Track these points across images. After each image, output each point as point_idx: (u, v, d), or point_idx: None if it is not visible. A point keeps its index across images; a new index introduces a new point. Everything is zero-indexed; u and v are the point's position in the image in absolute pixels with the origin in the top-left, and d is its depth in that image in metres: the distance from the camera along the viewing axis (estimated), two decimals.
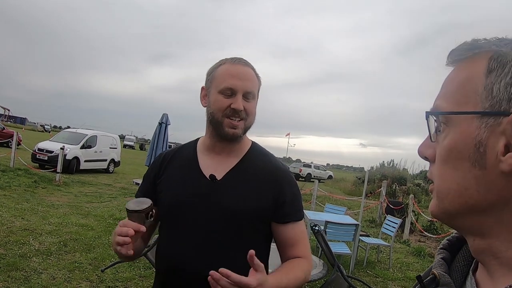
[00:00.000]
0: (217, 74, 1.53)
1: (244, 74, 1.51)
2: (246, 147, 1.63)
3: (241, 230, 1.50)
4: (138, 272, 5.60)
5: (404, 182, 20.03)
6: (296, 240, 1.57)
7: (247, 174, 1.56)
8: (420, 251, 9.20)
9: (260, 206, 1.51)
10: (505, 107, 0.54)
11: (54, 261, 5.66)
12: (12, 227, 6.98)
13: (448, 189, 0.59)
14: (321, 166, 43.84)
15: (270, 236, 1.60)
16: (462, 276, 0.68)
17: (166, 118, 9.82)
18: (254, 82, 1.54)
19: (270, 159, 1.64)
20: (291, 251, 1.57)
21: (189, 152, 1.65)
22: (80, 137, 18.11)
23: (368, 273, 7.10)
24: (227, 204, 1.50)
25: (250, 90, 1.50)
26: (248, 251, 1.42)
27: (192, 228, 1.50)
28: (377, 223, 12.88)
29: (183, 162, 1.63)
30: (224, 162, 1.58)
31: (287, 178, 1.60)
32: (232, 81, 1.48)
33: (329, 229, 6.46)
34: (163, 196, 1.58)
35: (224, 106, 1.49)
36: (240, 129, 1.52)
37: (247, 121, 1.53)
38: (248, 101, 1.51)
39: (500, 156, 0.53)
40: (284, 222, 1.56)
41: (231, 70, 1.51)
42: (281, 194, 1.55)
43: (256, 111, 1.58)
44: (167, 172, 1.62)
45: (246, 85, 1.50)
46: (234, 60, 1.54)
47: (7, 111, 72.16)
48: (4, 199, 9.48)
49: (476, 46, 0.60)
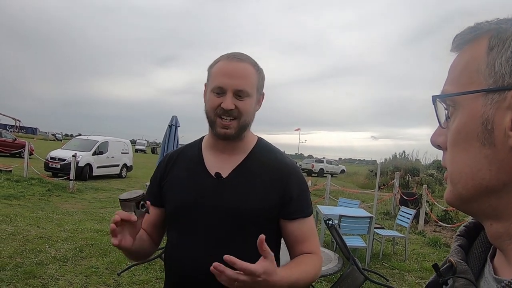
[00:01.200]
0: (212, 72, 1.50)
1: (237, 72, 1.46)
2: (251, 144, 1.60)
3: (248, 228, 1.48)
4: (155, 274, 5.62)
5: (417, 173, 19.95)
6: (305, 237, 1.54)
7: (253, 171, 1.54)
8: (435, 241, 9.15)
9: (267, 203, 1.49)
10: (509, 81, 0.53)
11: (70, 267, 5.70)
12: (28, 236, 7.04)
13: (460, 173, 0.58)
14: (333, 161, 43.75)
15: (280, 233, 1.58)
16: (480, 263, 0.67)
17: (175, 120, 9.82)
18: (248, 79, 1.48)
19: (276, 155, 1.61)
20: (300, 248, 1.54)
21: (194, 151, 1.63)
22: (91, 144, 18.26)
23: (384, 266, 7.07)
24: (233, 202, 1.48)
25: (241, 88, 1.45)
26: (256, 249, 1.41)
27: (199, 228, 1.49)
28: (392, 215, 12.83)
29: (188, 162, 1.61)
30: (229, 160, 1.55)
31: (294, 174, 1.57)
32: (222, 79, 1.44)
33: (343, 223, 6.44)
34: (169, 197, 1.57)
35: (215, 105, 1.46)
36: (233, 129, 1.48)
37: (241, 119, 1.48)
38: (241, 99, 1.46)
39: (508, 131, 0.52)
40: (291, 218, 1.53)
41: (224, 68, 1.47)
42: (288, 191, 1.52)
43: (264, 109, 1.55)
44: (172, 172, 1.61)
45: (236, 83, 1.44)
46: (229, 56, 1.49)
47: (17, 122, 72.90)
48: (19, 208, 9.57)
49: (477, 28, 0.59)
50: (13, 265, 5.52)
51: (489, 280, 0.62)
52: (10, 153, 22.93)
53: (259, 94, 1.55)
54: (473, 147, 0.56)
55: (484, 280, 0.64)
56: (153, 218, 1.62)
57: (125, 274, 5.38)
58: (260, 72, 1.53)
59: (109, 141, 19.31)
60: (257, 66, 1.52)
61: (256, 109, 1.56)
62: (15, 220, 8.14)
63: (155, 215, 1.62)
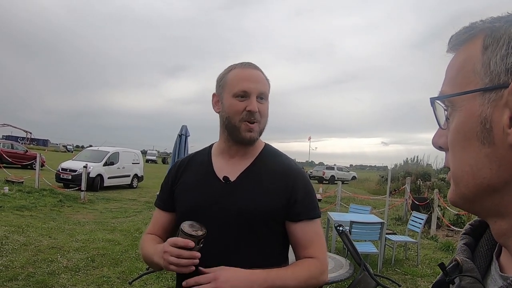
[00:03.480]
0: (229, 79, 1.54)
1: (256, 77, 1.53)
2: (258, 149, 1.64)
3: (256, 230, 1.50)
4: (166, 283, 5.62)
5: (429, 178, 19.79)
6: (309, 240, 1.55)
7: (260, 175, 1.56)
8: (448, 245, 9.08)
9: (273, 206, 1.51)
10: (504, 79, 0.53)
11: (82, 277, 5.72)
12: (40, 246, 7.09)
13: (462, 172, 0.58)
14: (344, 168, 43.57)
15: (287, 236, 1.59)
16: (486, 261, 0.67)
17: (185, 130, 9.86)
18: (265, 84, 1.56)
19: (283, 160, 1.64)
20: (303, 251, 1.55)
21: (203, 157, 1.67)
22: (102, 155, 18.36)
23: (397, 271, 7.02)
24: (241, 205, 1.50)
25: (263, 91, 1.53)
26: (264, 251, 1.41)
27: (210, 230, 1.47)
28: (403, 220, 12.75)
29: (198, 167, 1.65)
30: (237, 164, 1.59)
31: (299, 177, 1.59)
32: (245, 83, 1.50)
33: (354, 229, 6.40)
34: (180, 202, 1.61)
35: (240, 110, 1.50)
36: (256, 132, 1.53)
37: (261, 123, 1.55)
38: (262, 102, 1.53)
39: (507, 128, 0.52)
40: (296, 220, 1.54)
41: (242, 74, 1.53)
42: (294, 193, 1.54)
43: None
44: (182, 178, 1.64)
45: (258, 86, 1.52)
46: (244, 65, 1.56)
47: (29, 134, 73.65)
48: (31, 219, 9.64)
49: (472, 28, 0.60)
50: (25, 275, 5.56)
51: (495, 278, 0.62)
52: (21, 165, 23.09)
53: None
54: (473, 146, 0.56)
55: (491, 278, 0.63)
56: (165, 223, 1.68)
57: (136, 283, 5.39)
58: (268, 81, 1.60)
59: (119, 152, 19.39)
60: (265, 75, 1.59)
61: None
62: (27, 230, 8.20)
63: (166, 221, 1.68)
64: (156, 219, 1.71)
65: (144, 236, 1.69)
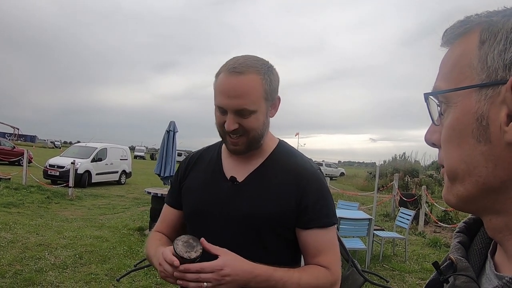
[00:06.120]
0: (215, 86, 1.40)
1: (235, 90, 1.34)
2: (271, 148, 1.52)
3: (263, 234, 1.41)
4: (155, 280, 5.59)
5: (417, 174, 19.95)
6: (320, 250, 1.41)
7: (270, 176, 1.45)
8: (436, 242, 9.16)
9: (281, 210, 1.39)
10: (502, 74, 0.52)
11: (70, 274, 5.67)
12: (27, 243, 7.01)
13: (457, 169, 0.57)
14: (332, 164, 43.77)
15: (297, 243, 1.46)
16: (481, 260, 0.66)
17: (173, 126, 9.81)
18: (250, 96, 1.35)
19: (297, 160, 1.51)
20: (312, 260, 1.43)
21: (213, 154, 1.59)
22: (90, 151, 18.24)
23: (385, 267, 7.06)
24: (247, 208, 1.41)
25: (242, 108, 1.34)
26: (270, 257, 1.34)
27: (214, 234, 1.40)
28: (391, 216, 12.83)
29: (206, 165, 1.57)
30: (246, 164, 1.49)
31: (313, 179, 1.45)
32: (222, 99, 1.36)
33: (342, 225, 6.43)
34: (186, 200, 1.55)
35: (221, 123, 1.39)
36: (242, 145, 1.42)
37: (249, 135, 1.40)
38: (245, 117, 1.36)
39: (504, 126, 0.51)
40: (306, 228, 1.41)
41: (223, 83, 1.36)
42: (304, 197, 1.41)
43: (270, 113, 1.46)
44: (190, 175, 1.57)
45: (236, 103, 1.34)
46: (230, 69, 1.35)
47: (16, 130, 72.99)
48: (18, 216, 9.53)
49: (467, 22, 0.58)
50: (12, 273, 5.50)
51: (490, 277, 0.61)
52: (9, 161, 22.85)
53: (271, 101, 1.43)
54: (468, 144, 0.55)
55: (486, 277, 0.63)
56: (174, 220, 1.62)
57: (124, 280, 5.36)
58: (269, 76, 1.39)
59: (107, 148, 19.28)
60: (263, 71, 1.38)
61: (270, 116, 1.47)
62: (14, 227, 8.11)
63: (175, 218, 1.62)
64: (165, 216, 1.64)
65: (152, 234, 1.62)
